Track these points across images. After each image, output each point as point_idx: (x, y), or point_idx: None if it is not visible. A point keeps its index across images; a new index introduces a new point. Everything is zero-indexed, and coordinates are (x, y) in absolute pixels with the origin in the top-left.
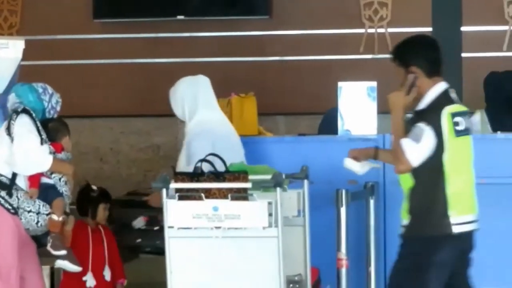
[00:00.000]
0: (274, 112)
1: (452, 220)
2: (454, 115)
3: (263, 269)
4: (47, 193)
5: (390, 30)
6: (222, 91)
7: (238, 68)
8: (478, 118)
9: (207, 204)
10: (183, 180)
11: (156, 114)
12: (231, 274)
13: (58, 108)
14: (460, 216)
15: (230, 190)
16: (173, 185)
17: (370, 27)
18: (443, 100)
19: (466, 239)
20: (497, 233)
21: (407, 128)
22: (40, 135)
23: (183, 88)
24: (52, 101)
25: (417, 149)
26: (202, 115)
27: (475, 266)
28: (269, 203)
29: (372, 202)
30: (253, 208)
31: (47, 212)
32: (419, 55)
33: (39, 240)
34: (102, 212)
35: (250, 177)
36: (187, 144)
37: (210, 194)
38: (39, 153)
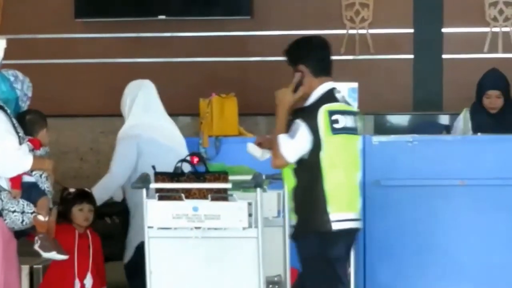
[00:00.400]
0: (255, 112)
1: (331, 217)
2: (332, 112)
3: (243, 270)
4: (30, 192)
5: (372, 31)
6: (203, 91)
7: (219, 68)
8: (461, 117)
9: (187, 204)
10: (163, 180)
11: None
12: (210, 275)
13: (30, 94)
14: (338, 213)
15: (210, 190)
16: (153, 185)
17: (352, 28)
18: (326, 98)
19: (350, 236)
20: (477, 234)
21: (290, 124)
22: (17, 132)
23: (127, 90)
24: (24, 88)
25: (291, 144)
26: (135, 119)
27: (456, 267)
28: (249, 204)
29: None
30: (233, 209)
31: (31, 211)
32: (307, 55)
33: (22, 231)
34: (77, 214)
35: (230, 177)
36: (116, 144)
37: (190, 194)
38: (19, 155)
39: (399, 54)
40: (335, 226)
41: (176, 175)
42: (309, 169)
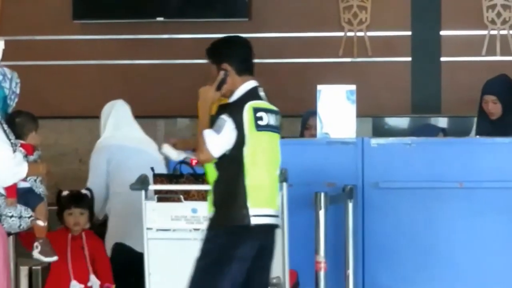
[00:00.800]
0: None
1: (250, 211)
2: (257, 110)
3: None
4: (27, 197)
5: (369, 33)
6: None
7: None
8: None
9: (186, 206)
10: (162, 182)
11: (134, 115)
12: None
13: (18, 91)
14: (257, 208)
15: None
16: (152, 187)
17: (350, 30)
18: (250, 96)
19: (266, 233)
20: (475, 236)
21: (214, 120)
22: (9, 139)
23: (102, 111)
24: (12, 86)
25: (217, 139)
26: (106, 133)
27: (454, 269)
28: None
29: (350, 205)
30: None
31: (29, 215)
32: (231, 54)
33: None
34: (68, 218)
35: None
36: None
37: (189, 195)
38: (14, 164)
39: (397, 57)
40: (254, 221)
41: (175, 177)
42: (231, 163)
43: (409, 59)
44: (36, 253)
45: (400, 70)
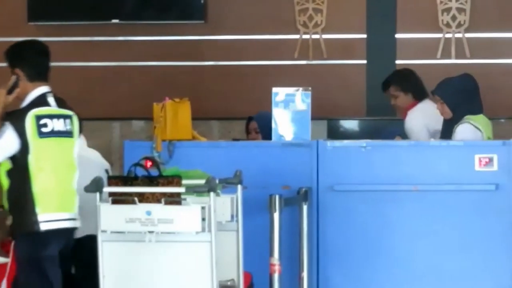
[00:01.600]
0: (208, 116)
1: (39, 217)
2: (40, 117)
3: (196, 274)
4: None
5: (325, 36)
6: (156, 95)
7: (173, 72)
8: None
9: (140, 208)
10: (116, 184)
11: (90, 117)
12: (164, 279)
13: None
14: (47, 213)
15: (163, 194)
16: (106, 189)
17: (305, 33)
18: (37, 103)
19: (64, 236)
20: (429, 239)
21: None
22: None
23: None
24: None
25: None
26: None
27: (409, 272)
28: (202, 208)
29: (305, 207)
30: (186, 213)
31: None
32: (24, 59)
33: None
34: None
35: (184, 181)
36: None
37: (143, 198)
38: None
39: (353, 59)
40: (44, 227)
41: (129, 179)
42: (18, 171)
43: (365, 62)
44: None
45: (355, 72)
